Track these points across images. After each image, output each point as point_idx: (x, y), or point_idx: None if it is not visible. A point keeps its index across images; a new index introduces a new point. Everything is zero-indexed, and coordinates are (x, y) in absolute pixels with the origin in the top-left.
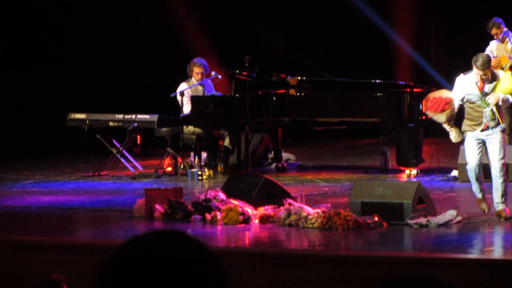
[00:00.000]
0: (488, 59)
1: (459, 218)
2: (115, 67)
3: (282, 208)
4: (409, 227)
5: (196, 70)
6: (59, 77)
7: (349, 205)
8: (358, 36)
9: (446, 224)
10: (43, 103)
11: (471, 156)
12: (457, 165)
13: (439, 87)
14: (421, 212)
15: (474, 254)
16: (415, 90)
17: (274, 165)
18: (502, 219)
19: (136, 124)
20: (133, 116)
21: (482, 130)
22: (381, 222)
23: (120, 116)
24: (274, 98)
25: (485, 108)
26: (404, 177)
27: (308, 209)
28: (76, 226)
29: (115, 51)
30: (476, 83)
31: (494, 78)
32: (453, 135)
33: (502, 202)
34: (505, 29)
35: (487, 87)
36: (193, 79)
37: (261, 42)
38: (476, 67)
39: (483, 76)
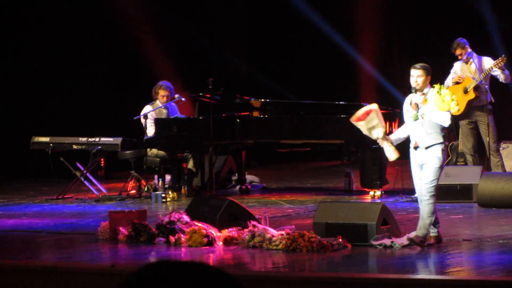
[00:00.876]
0: (426, 65)
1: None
2: (79, 90)
3: (246, 230)
4: (373, 248)
5: (162, 93)
6: (22, 100)
7: (313, 226)
8: (322, 58)
9: (410, 245)
10: (6, 127)
11: (413, 180)
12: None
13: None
14: (385, 233)
15: (438, 275)
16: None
17: (238, 187)
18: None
19: (100, 147)
20: (97, 139)
21: (415, 148)
22: (345, 244)
23: (84, 139)
24: (238, 120)
25: (415, 120)
26: (368, 198)
27: (272, 231)
28: (40, 249)
29: (79, 74)
30: (412, 100)
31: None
32: (386, 151)
33: (420, 228)
34: (469, 50)
35: (419, 95)
36: (157, 101)
37: (224, 65)
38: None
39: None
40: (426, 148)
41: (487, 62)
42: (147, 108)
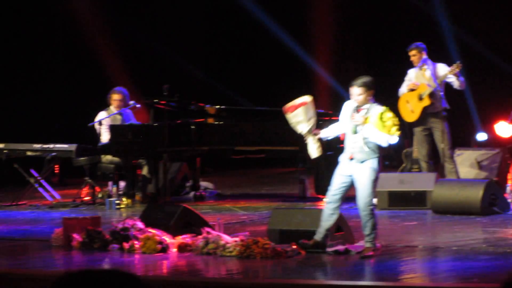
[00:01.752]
0: (367, 80)
1: (377, 246)
2: (33, 97)
3: (200, 236)
4: (327, 254)
5: (115, 97)
6: None
7: (268, 233)
8: (277, 65)
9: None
10: None
11: (332, 185)
12: (376, 193)
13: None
14: (340, 240)
15: (392, 282)
16: (333, 118)
17: (192, 193)
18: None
19: (54, 154)
20: (51, 146)
21: (350, 159)
22: (299, 250)
23: (38, 146)
24: (193, 127)
25: (353, 133)
26: (322, 205)
27: (226, 238)
28: None
29: (33, 80)
30: (353, 109)
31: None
32: (309, 147)
33: (367, 241)
34: (425, 56)
35: (360, 115)
36: (112, 107)
37: (180, 71)
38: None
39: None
40: (362, 162)
41: (442, 68)
42: (101, 114)
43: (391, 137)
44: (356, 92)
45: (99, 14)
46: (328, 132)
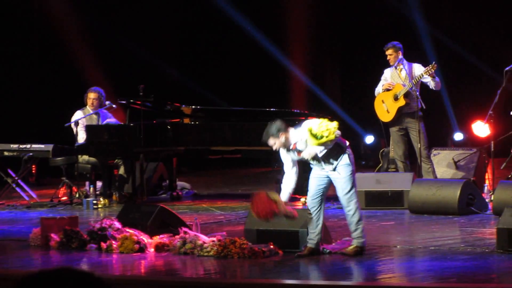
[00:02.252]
0: (270, 128)
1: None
2: (10, 97)
3: (177, 236)
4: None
5: (91, 95)
6: None
7: (245, 233)
8: (254, 65)
9: (341, 251)
10: None
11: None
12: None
13: (333, 114)
14: None
15: (369, 282)
16: (309, 118)
17: (169, 193)
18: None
19: (31, 154)
20: (28, 146)
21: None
22: (276, 250)
23: (15, 146)
24: (169, 127)
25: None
26: (299, 205)
27: (203, 238)
28: None
29: (10, 80)
30: (291, 151)
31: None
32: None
33: (355, 238)
34: (401, 56)
35: (300, 146)
36: (88, 107)
37: (155, 71)
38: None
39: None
40: (334, 169)
41: (418, 69)
42: (77, 114)
43: (334, 138)
44: (272, 142)
45: (74, 14)
46: (288, 191)
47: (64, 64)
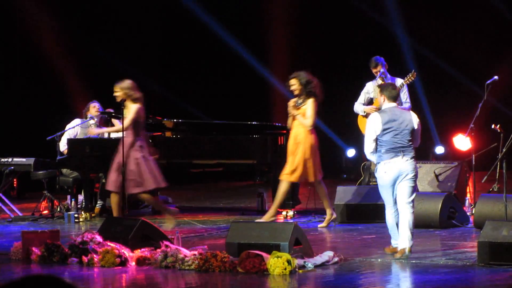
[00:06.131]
0: None
1: (336, 259)
2: None
3: (159, 250)
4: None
5: (94, 105)
6: None
7: (226, 246)
8: (235, 79)
9: (323, 265)
10: None
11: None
12: (334, 205)
13: (315, 128)
14: (298, 253)
15: None
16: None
17: (150, 207)
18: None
19: (12, 168)
20: (10, 159)
21: None
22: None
23: None
24: (150, 141)
25: None
26: (281, 218)
27: (185, 251)
28: None
29: None
30: None
31: None
32: None
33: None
34: (382, 69)
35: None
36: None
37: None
38: None
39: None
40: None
41: (399, 82)
42: (76, 122)
43: None
44: None
45: (57, 26)
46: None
47: (46, 78)
